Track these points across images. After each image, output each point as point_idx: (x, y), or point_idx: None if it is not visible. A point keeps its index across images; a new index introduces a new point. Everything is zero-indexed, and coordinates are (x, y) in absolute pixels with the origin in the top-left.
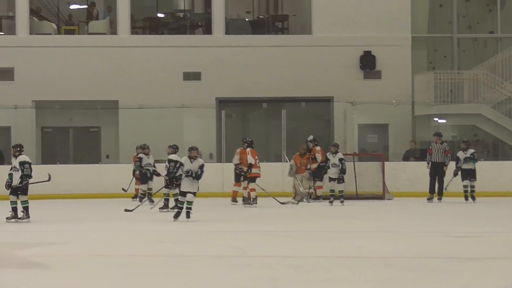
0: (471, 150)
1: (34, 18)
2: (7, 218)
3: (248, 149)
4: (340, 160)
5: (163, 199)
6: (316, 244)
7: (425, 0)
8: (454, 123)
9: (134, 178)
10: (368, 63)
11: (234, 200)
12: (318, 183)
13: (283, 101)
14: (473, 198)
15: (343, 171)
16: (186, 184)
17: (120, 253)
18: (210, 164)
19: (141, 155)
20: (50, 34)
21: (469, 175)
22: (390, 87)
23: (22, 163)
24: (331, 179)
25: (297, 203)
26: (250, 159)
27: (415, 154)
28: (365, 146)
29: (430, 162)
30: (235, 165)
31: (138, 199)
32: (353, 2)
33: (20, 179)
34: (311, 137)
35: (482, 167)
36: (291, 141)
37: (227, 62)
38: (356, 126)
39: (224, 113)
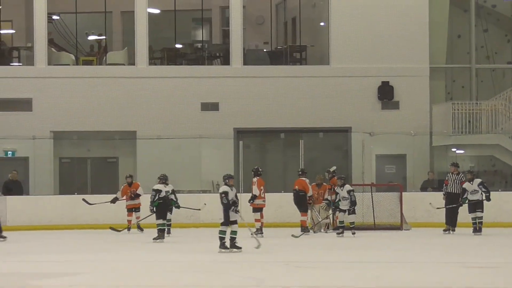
0: (478, 180)
1: (52, 49)
2: None
3: (255, 179)
4: (349, 192)
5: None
6: (334, 274)
7: (443, 31)
8: (472, 154)
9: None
10: (386, 93)
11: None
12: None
13: (301, 132)
14: (480, 230)
15: (353, 203)
16: (233, 214)
17: (138, 283)
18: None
19: (158, 186)
20: (69, 64)
21: (476, 207)
22: (408, 118)
23: None
24: (341, 211)
25: (312, 232)
26: (255, 190)
27: (433, 184)
28: (383, 177)
29: (446, 193)
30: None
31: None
32: (371, 33)
33: None
34: (334, 168)
35: (501, 198)
36: (309, 172)
37: (245, 93)
38: (374, 157)
39: (241, 143)
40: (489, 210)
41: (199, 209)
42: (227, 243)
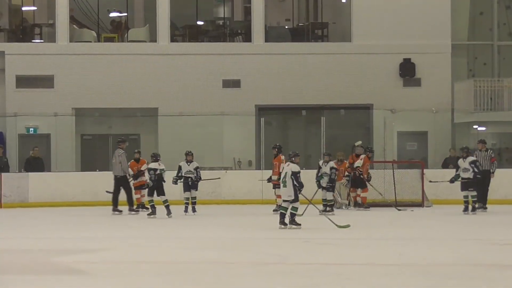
0: (471, 159)
1: (74, 25)
2: None
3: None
4: (331, 169)
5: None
6: (356, 252)
7: (465, 7)
8: (494, 131)
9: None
10: (408, 70)
11: None
12: (359, 190)
13: (322, 109)
14: (474, 209)
15: (331, 180)
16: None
17: (162, 260)
18: (250, 171)
19: (181, 163)
20: (90, 42)
21: (468, 185)
22: (430, 95)
23: None
24: (323, 188)
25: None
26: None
27: (455, 161)
28: (405, 154)
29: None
30: None
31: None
32: (393, 10)
33: None
34: (359, 142)
35: None
36: (331, 149)
37: (266, 70)
38: (396, 134)
39: (263, 120)
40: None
41: (219, 178)
42: (286, 220)
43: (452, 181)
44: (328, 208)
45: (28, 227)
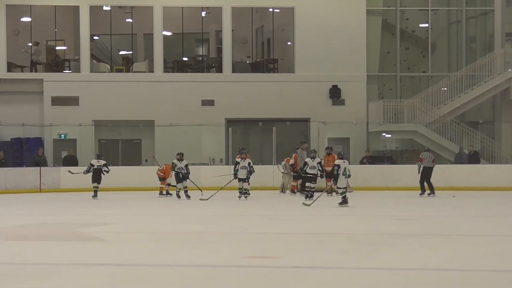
0: (318, 159)
1: (93, 60)
2: None
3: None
4: (318, 163)
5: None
6: (299, 224)
7: (376, 48)
8: (397, 137)
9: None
10: (335, 93)
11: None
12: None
13: (273, 121)
14: (312, 196)
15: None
16: None
17: (158, 231)
18: (221, 166)
19: (174, 160)
20: (105, 72)
21: (311, 179)
22: (351, 111)
23: None
24: (311, 179)
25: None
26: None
27: (368, 160)
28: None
29: (422, 167)
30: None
31: (165, 194)
32: (325, 50)
33: None
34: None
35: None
36: (279, 150)
37: (233, 93)
38: (326, 139)
39: (231, 130)
40: (409, 177)
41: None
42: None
43: (298, 178)
44: (309, 194)
45: (59, 207)
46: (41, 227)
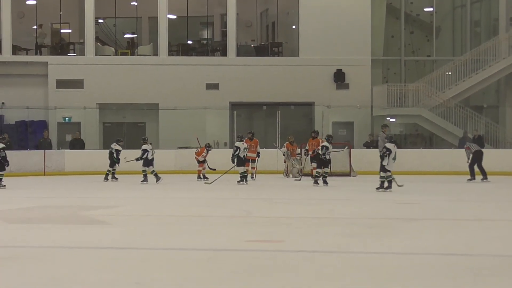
0: (327, 144)
1: (98, 43)
2: None
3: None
4: (322, 148)
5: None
6: (302, 208)
7: (381, 32)
8: (401, 121)
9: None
10: (339, 77)
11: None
12: (313, 165)
13: (278, 105)
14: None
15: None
16: None
17: (162, 213)
18: (226, 150)
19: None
20: (110, 55)
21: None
22: (355, 95)
23: None
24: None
25: (299, 179)
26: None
27: (372, 144)
28: (337, 137)
29: (473, 151)
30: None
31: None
32: (329, 34)
33: None
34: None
35: (422, 153)
36: (284, 134)
37: (237, 76)
38: (331, 123)
39: (235, 113)
40: (413, 162)
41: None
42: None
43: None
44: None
45: (63, 189)
46: (45, 210)
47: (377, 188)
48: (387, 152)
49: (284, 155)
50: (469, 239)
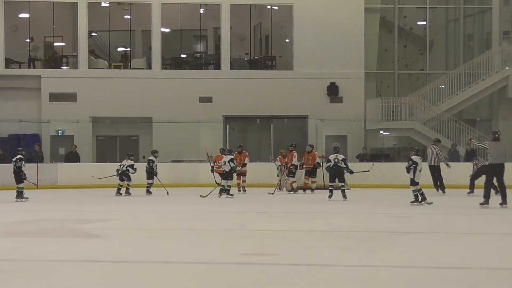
0: (341, 156)
1: (91, 57)
2: None
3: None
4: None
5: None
6: (297, 222)
7: (374, 46)
8: (394, 135)
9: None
10: (333, 91)
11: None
12: (313, 179)
13: (271, 118)
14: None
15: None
16: None
17: (155, 227)
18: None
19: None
20: (103, 68)
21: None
22: (349, 109)
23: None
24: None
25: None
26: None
27: (366, 157)
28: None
29: (480, 165)
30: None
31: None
32: (323, 47)
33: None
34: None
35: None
36: (277, 148)
37: (231, 90)
38: (324, 137)
39: (228, 126)
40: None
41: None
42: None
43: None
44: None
45: (57, 203)
46: (39, 223)
47: (411, 202)
48: (413, 165)
49: (277, 169)
50: (464, 252)
